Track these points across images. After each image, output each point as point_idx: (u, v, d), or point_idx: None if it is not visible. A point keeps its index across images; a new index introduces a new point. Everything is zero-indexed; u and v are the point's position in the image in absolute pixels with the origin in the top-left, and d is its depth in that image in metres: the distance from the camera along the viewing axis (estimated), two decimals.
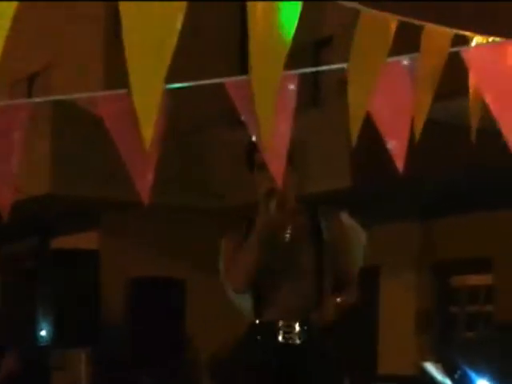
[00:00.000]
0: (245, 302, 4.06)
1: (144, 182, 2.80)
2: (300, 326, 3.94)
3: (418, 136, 2.91)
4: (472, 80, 2.90)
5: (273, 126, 2.63)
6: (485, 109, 2.89)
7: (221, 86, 2.83)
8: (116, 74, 10.51)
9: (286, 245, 4.02)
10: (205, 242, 11.19)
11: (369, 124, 2.75)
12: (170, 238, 10.95)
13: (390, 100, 2.94)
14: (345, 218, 4.15)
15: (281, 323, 3.94)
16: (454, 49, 2.76)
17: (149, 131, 2.30)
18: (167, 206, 10.17)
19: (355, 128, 2.81)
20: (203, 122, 11.29)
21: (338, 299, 3.98)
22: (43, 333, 7.18)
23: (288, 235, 4.03)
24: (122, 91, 2.78)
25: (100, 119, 2.79)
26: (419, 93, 2.88)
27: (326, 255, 4.02)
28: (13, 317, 7.09)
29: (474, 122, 3.07)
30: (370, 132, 2.79)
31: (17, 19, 2.06)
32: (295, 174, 4.06)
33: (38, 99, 3.18)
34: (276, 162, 2.84)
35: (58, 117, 9.92)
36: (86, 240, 10.15)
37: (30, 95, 12.34)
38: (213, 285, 11.75)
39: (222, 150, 10.99)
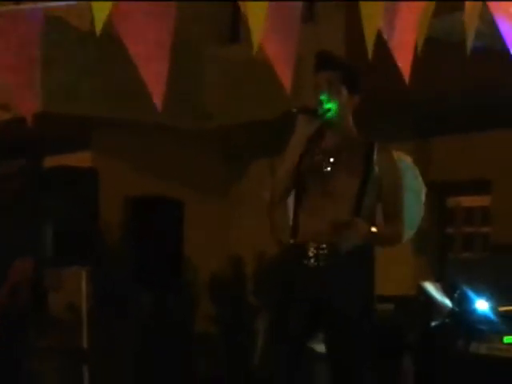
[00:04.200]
0: (282, 223, 4.07)
1: (158, 89, 2.85)
2: (329, 248, 3.93)
3: (419, 52, 2.92)
4: None
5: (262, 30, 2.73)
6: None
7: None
8: None
9: (330, 168, 4.01)
10: (195, 162, 11.24)
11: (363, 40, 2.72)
12: (161, 158, 10.94)
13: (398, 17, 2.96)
14: (401, 159, 4.14)
15: (311, 245, 3.95)
16: None
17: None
18: (158, 126, 10.12)
19: (370, 42, 2.81)
20: (193, 38, 11.13)
21: (374, 228, 3.97)
22: (41, 251, 7.13)
23: (333, 159, 4.01)
24: (135, 1, 2.82)
25: (92, 34, 2.79)
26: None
27: (372, 190, 3.99)
28: (7, 238, 7.02)
29: (470, 36, 3.07)
30: (365, 48, 2.76)
31: None
32: (353, 97, 4.09)
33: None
34: (285, 71, 2.96)
35: (50, 33, 9.73)
36: (78, 160, 10.07)
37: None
38: (209, 205, 11.92)
39: (218, 70, 10.90)
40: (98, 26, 2.56)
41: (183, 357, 9.07)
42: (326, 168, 4.00)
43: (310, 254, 3.93)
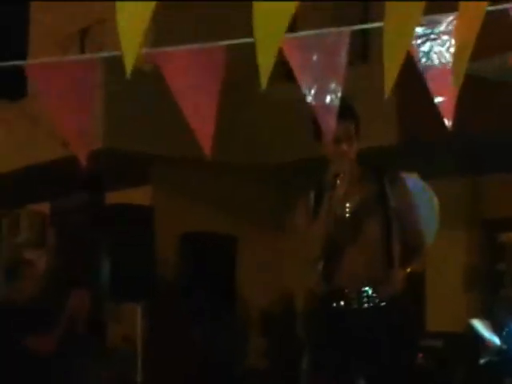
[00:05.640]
0: (314, 270, 4.14)
1: (205, 135, 2.91)
2: (368, 293, 4.02)
3: (456, 93, 2.85)
4: None
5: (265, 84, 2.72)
6: None
7: None
8: (169, 29, 10.57)
9: (352, 213, 4.06)
10: (254, 199, 11.35)
11: (416, 80, 2.77)
12: (217, 193, 11.05)
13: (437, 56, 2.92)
14: (412, 182, 4.16)
15: (348, 290, 4.03)
16: (499, 6, 2.75)
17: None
18: (216, 163, 10.23)
19: (390, 83, 2.81)
20: (250, 78, 11.26)
21: (408, 269, 4.02)
22: (99, 285, 7.32)
23: (354, 204, 4.06)
24: (183, 47, 2.90)
25: (153, 75, 2.86)
26: (456, 52, 2.84)
27: (393, 222, 4.06)
28: (68, 270, 7.26)
29: None
30: (418, 88, 2.80)
31: None
32: (358, 137, 4.12)
33: (89, 55, 3.24)
34: (328, 119, 2.88)
35: (111, 72, 9.99)
36: (138, 195, 10.29)
37: (82, 51, 12.43)
38: (262, 240, 11.95)
39: (271, 108, 11.01)
40: (128, 69, 2.59)
41: None
42: (347, 216, 4.05)
43: (350, 298, 4.00)
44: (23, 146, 11.30)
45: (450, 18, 2.83)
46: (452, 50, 2.87)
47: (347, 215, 4.06)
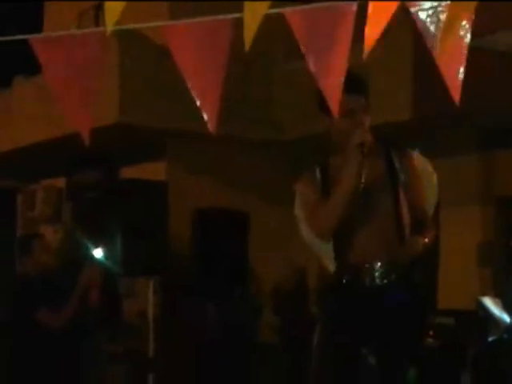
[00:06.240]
0: (325, 246, 4.12)
1: (211, 111, 2.88)
2: (383, 267, 4.02)
3: (462, 67, 2.79)
4: None
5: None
6: None
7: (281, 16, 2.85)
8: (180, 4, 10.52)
9: (364, 187, 4.04)
10: (268, 175, 11.35)
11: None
12: (230, 169, 11.05)
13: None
14: (417, 157, 4.17)
15: (364, 265, 4.03)
16: None
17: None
18: (229, 139, 10.24)
19: (369, 45, 2.76)
20: (265, 52, 11.24)
21: (426, 239, 4.02)
22: (112, 261, 7.36)
23: (364, 178, 4.03)
24: (190, 21, 2.89)
25: (167, 49, 2.84)
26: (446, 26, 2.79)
27: (402, 196, 4.07)
28: (82, 245, 7.31)
29: None
30: (433, 64, 2.79)
31: None
32: (369, 112, 4.11)
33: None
34: (334, 92, 2.86)
35: (126, 47, 10.01)
36: (152, 170, 10.32)
37: (97, 25, 12.43)
38: (275, 217, 11.98)
39: (284, 84, 10.99)
40: (109, 28, 2.62)
41: (246, 366, 9.15)
42: (359, 189, 4.02)
43: (362, 274, 4.01)
44: (39, 120, 11.35)
45: None
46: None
47: (360, 188, 4.03)
